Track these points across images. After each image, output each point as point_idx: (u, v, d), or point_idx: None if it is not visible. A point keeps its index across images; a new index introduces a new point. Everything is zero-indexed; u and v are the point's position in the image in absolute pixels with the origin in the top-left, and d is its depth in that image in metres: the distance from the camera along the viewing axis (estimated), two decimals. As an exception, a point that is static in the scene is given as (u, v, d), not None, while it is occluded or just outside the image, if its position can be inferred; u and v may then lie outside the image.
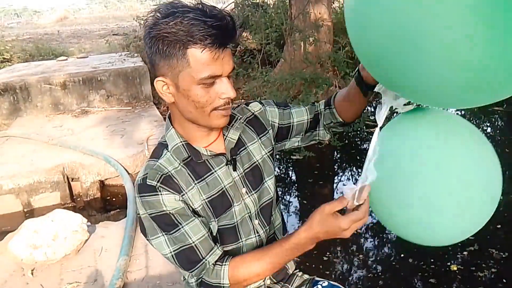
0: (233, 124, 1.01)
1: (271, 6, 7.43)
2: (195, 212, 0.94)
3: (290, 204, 3.36)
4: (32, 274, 2.07)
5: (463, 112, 5.25)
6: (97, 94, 5.33)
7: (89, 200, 3.40)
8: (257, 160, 1.04)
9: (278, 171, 3.97)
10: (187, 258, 0.91)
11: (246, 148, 1.04)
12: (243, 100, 5.81)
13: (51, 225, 2.25)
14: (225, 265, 0.90)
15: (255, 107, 1.10)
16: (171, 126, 0.97)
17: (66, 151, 3.68)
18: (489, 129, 4.95)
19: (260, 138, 1.07)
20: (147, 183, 0.90)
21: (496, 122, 5.10)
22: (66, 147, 3.76)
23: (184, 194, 0.92)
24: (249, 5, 6.70)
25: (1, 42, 9.09)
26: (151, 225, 0.91)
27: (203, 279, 0.91)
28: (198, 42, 0.80)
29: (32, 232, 2.20)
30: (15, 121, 4.90)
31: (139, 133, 4.13)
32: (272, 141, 1.10)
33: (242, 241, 1.01)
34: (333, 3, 7.16)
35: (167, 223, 0.90)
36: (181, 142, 0.95)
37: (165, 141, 0.98)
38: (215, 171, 0.97)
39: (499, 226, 2.72)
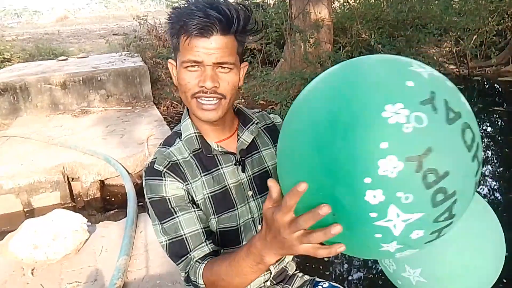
0: (249, 127, 1.02)
1: (271, 6, 7.44)
2: (195, 205, 0.94)
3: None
4: (32, 274, 2.07)
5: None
6: (97, 94, 5.33)
7: (89, 200, 3.40)
8: (268, 166, 1.04)
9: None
10: (176, 250, 0.91)
11: (259, 152, 1.04)
12: (243, 100, 5.80)
13: (51, 225, 2.25)
14: (202, 263, 0.88)
15: (276, 118, 1.12)
16: (188, 116, 1.00)
17: (66, 151, 3.68)
18: (489, 129, 4.94)
19: (275, 146, 1.07)
20: (154, 167, 0.93)
21: (496, 122, 5.10)
22: (66, 147, 3.76)
23: (188, 184, 0.94)
24: (249, 5, 6.71)
25: (1, 42, 9.09)
26: (152, 211, 0.93)
27: (189, 275, 0.90)
28: (187, 30, 0.86)
29: (32, 232, 2.20)
30: (15, 121, 4.90)
31: (139, 133, 4.12)
32: None
33: (244, 244, 1.01)
34: (333, 3, 7.16)
35: (163, 210, 0.92)
36: (194, 133, 0.97)
37: (180, 129, 1.00)
38: (222, 168, 0.97)
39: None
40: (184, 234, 0.91)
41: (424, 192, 0.54)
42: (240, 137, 1.00)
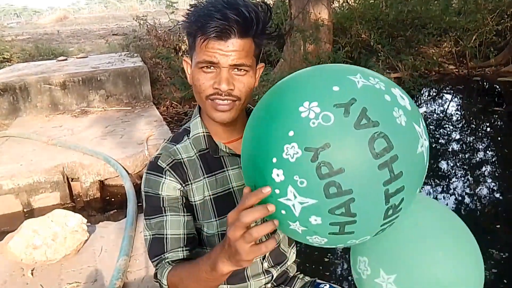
0: None
1: (271, 6, 7.44)
2: (189, 207, 0.94)
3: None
4: (32, 274, 2.06)
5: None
6: (97, 94, 5.33)
7: (89, 200, 3.40)
8: None
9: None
10: (155, 246, 0.92)
11: None
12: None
13: (51, 225, 2.25)
14: (170, 266, 0.89)
15: None
16: (198, 115, 0.99)
17: (65, 151, 3.68)
18: (489, 129, 4.95)
19: None
20: (158, 163, 0.94)
21: (496, 122, 5.10)
22: (66, 147, 3.75)
23: (188, 184, 0.93)
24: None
25: (1, 42, 9.08)
26: (144, 203, 0.94)
27: (157, 272, 0.91)
28: (204, 32, 0.84)
29: (31, 232, 2.20)
30: (15, 121, 4.90)
31: (139, 133, 4.12)
32: None
33: None
34: (333, 3, 7.16)
35: (154, 206, 0.92)
36: (203, 132, 0.97)
37: (189, 127, 1.00)
38: (227, 170, 0.97)
39: (498, 226, 2.72)
40: (166, 234, 0.91)
41: (317, 181, 0.61)
42: None
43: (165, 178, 0.92)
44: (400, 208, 0.67)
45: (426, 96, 6.47)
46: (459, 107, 6.00)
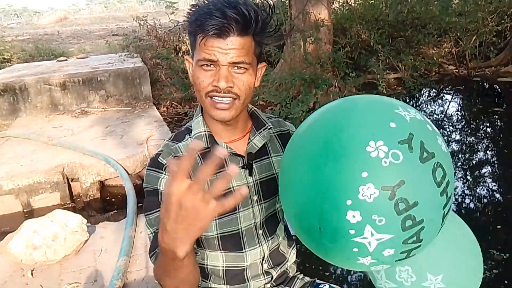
0: (261, 132, 1.01)
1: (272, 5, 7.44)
2: None
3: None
4: (31, 274, 2.06)
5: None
6: (97, 95, 5.33)
7: (89, 200, 3.40)
8: (277, 173, 1.03)
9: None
10: (153, 243, 0.92)
11: (269, 157, 1.03)
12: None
13: (51, 225, 2.25)
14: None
15: (292, 127, 1.12)
16: (200, 114, 0.99)
17: (65, 151, 3.68)
18: (489, 130, 4.95)
19: None
20: (158, 159, 0.94)
21: (496, 123, 5.10)
22: (66, 147, 3.75)
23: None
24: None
25: (1, 42, 9.09)
26: (145, 200, 0.95)
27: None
28: (204, 30, 0.85)
29: (31, 232, 2.20)
30: (15, 121, 4.90)
31: (139, 134, 4.12)
32: None
33: (246, 251, 1.01)
34: (333, 3, 7.17)
35: (153, 202, 0.93)
36: (205, 131, 0.97)
37: (191, 126, 1.00)
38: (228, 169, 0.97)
39: (499, 226, 2.72)
40: None
41: (395, 217, 0.64)
42: (251, 140, 0.99)
43: (164, 174, 0.93)
44: (444, 224, 0.73)
45: (426, 97, 6.47)
46: (459, 107, 6.00)
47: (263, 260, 1.05)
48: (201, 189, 0.60)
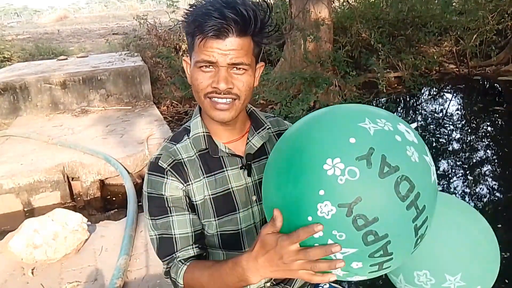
0: (259, 132, 1.00)
1: (271, 5, 7.44)
2: (192, 206, 0.94)
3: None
4: (32, 273, 2.07)
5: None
6: (97, 94, 5.33)
7: (89, 199, 3.40)
8: None
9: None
10: (164, 246, 0.92)
11: (267, 157, 1.03)
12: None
13: (51, 224, 2.25)
14: (185, 265, 0.90)
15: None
16: (199, 114, 0.99)
17: (66, 150, 3.68)
18: (489, 129, 4.94)
19: None
20: (159, 164, 0.93)
21: (497, 122, 5.10)
22: (66, 146, 3.75)
23: (189, 185, 0.93)
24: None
25: (1, 41, 9.08)
26: (147, 204, 0.94)
27: (170, 271, 0.92)
28: (202, 31, 0.84)
29: (32, 231, 2.20)
30: (15, 120, 4.90)
31: (139, 133, 4.12)
32: None
33: (246, 250, 1.01)
34: (333, 2, 7.15)
35: (159, 207, 0.92)
36: (203, 132, 0.96)
37: (189, 126, 0.99)
38: (227, 170, 0.96)
39: (499, 225, 2.71)
40: (175, 235, 0.91)
41: (355, 232, 0.64)
42: (250, 141, 0.99)
43: (167, 178, 0.92)
44: (425, 234, 0.72)
45: (427, 96, 6.47)
46: (459, 106, 5.99)
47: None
48: (305, 259, 0.68)
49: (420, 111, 5.82)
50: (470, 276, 0.82)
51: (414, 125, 0.89)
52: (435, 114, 5.50)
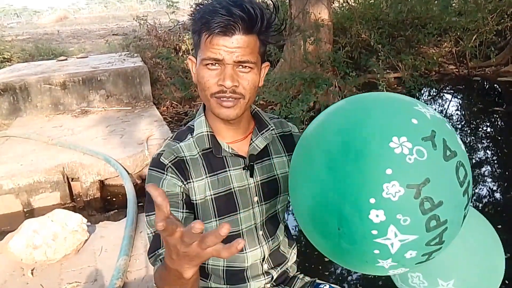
0: (263, 133, 1.00)
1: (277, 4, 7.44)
2: (190, 206, 0.94)
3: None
4: (32, 274, 2.06)
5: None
6: (97, 94, 5.33)
7: (89, 200, 3.40)
8: (278, 174, 1.03)
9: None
10: (153, 244, 0.92)
11: (270, 159, 1.03)
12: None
13: (51, 225, 2.25)
14: (158, 264, 0.89)
15: (294, 128, 1.11)
16: (203, 113, 0.99)
17: (66, 151, 3.68)
18: (489, 129, 4.94)
19: (287, 155, 1.06)
20: (160, 159, 0.94)
21: (496, 122, 5.10)
22: (66, 147, 3.75)
23: (190, 182, 0.93)
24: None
25: (1, 42, 9.08)
26: (146, 201, 0.95)
27: (154, 267, 0.91)
28: (209, 28, 0.84)
29: (32, 232, 2.20)
30: (15, 121, 4.90)
31: (139, 133, 4.12)
32: None
33: (246, 251, 1.01)
34: (333, 3, 7.16)
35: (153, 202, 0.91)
36: (207, 132, 0.96)
37: (193, 125, 0.99)
38: (229, 170, 0.96)
39: (499, 226, 2.72)
40: None
41: (420, 217, 0.61)
42: (253, 141, 0.99)
43: (166, 174, 0.92)
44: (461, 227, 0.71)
45: (427, 96, 6.47)
46: (459, 107, 6.00)
47: (263, 260, 1.05)
48: (192, 241, 0.58)
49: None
50: (464, 283, 0.80)
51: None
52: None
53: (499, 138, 4.63)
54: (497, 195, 3.30)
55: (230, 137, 0.98)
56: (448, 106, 5.97)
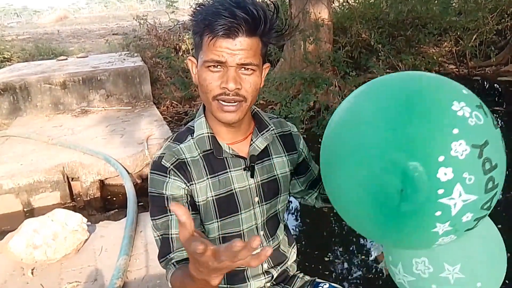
0: (263, 133, 1.00)
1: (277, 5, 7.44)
2: (194, 206, 0.94)
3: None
4: (32, 273, 2.06)
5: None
6: (97, 94, 5.33)
7: (89, 199, 3.40)
8: (278, 174, 1.03)
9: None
10: (162, 246, 0.92)
11: (270, 159, 1.03)
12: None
13: (51, 224, 2.25)
14: (174, 268, 0.89)
15: (293, 127, 1.11)
16: (203, 114, 0.98)
17: (66, 150, 3.68)
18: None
19: (287, 155, 1.06)
20: (161, 163, 0.93)
21: (496, 122, 5.10)
22: (66, 146, 3.75)
23: (192, 184, 0.93)
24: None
25: (1, 42, 9.08)
26: (150, 205, 0.94)
27: (167, 271, 0.91)
28: (212, 31, 0.83)
29: (32, 231, 2.20)
30: (15, 120, 4.90)
31: (139, 133, 4.12)
32: (295, 165, 1.09)
33: None
34: (333, 2, 7.16)
35: (159, 206, 0.92)
36: (207, 133, 0.96)
37: (193, 126, 0.99)
38: (230, 171, 0.96)
39: (499, 226, 2.72)
40: (171, 234, 0.91)
41: (482, 176, 0.63)
42: (254, 142, 0.99)
43: (169, 177, 0.92)
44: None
45: (426, 96, 6.46)
46: (459, 106, 5.99)
47: (263, 260, 1.05)
48: (229, 258, 0.58)
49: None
50: (470, 270, 0.80)
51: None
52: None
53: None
54: (497, 194, 3.30)
55: (230, 138, 0.97)
56: (448, 105, 5.96)
